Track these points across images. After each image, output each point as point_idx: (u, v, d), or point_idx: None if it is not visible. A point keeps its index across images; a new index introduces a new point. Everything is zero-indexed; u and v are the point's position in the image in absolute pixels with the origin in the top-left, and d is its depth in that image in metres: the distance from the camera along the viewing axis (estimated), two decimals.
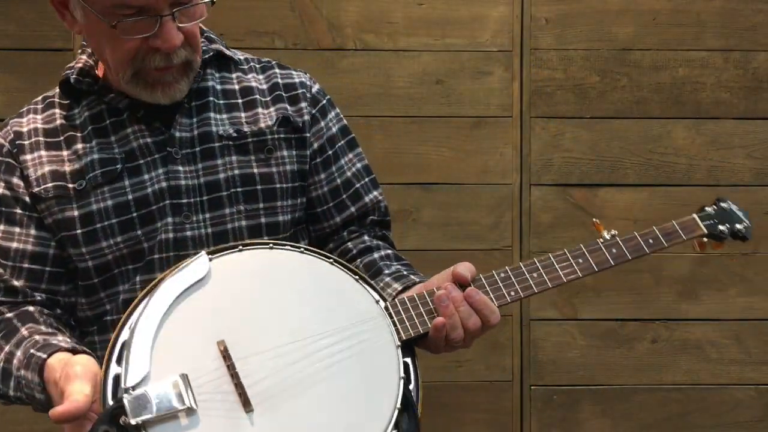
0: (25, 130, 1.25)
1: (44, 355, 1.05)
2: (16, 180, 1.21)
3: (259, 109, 1.29)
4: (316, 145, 1.32)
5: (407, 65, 2.28)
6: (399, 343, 1.08)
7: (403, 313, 1.11)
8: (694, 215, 1.34)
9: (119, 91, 1.23)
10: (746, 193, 2.32)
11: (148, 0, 1.09)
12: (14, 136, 1.24)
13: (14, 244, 1.20)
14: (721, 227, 1.35)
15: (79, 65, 1.27)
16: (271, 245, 1.12)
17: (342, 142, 1.37)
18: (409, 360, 1.09)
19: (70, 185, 1.20)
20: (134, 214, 1.20)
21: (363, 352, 1.07)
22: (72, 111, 1.25)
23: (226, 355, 1.02)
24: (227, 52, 1.32)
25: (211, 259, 1.08)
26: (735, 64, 2.31)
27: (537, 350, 2.31)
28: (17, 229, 1.20)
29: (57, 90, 1.29)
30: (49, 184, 1.20)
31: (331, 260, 1.13)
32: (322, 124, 1.34)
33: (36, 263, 1.20)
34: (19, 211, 1.21)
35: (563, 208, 2.31)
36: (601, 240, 1.22)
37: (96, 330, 1.23)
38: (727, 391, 2.34)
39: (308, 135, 1.31)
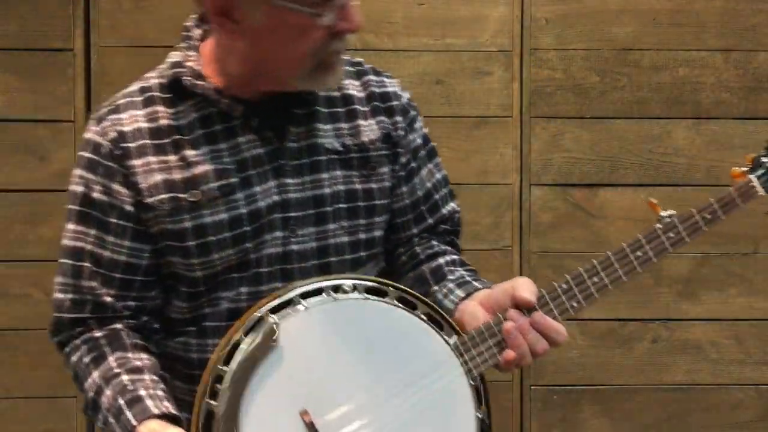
0: (128, 129, 1.16)
1: (134, 421, 1.06)
2: (116, 186, 1.15)
3: (360, 121, 1.26)
4: (403, 159, 1.30)
5: (407, 65, 2.28)
6: (473, 383, 1.11)
7: (473, 348, 1.12)
8: (751, 176, 1.23)
9: (232, 96, 1.17)
10: None
11: None
12: (117, 136, 1.16)
13: (107, 253, 1.16)
14: None
15: (190, 64, 1.18)
16: (333, 297, 1.09)
17: (423, 151, 1.34)
18: (483, 408, 1.13)
19: (183, 195, 1.15)
20: (247, 228, 1.16)
21: (438, 401, 1.09)
22: (176, 108, 1.18)
23: (311, 428, 1.03)
24: None
25: (277, 322, 1.05)
26: (735, 64, 2.31)
27: None
28: (111, 238, 1.16)
29: (155, 80, 1.21)
30: (164, 195, 1.14)
31: (395, 303, 1.11)
32: (411, 137, 1.31)
33: (128, 273, 1.17)
34: (114, 219, 1.16)
35: (563, 208, 2.31)
36: (659, 226, 1.18)
37: (195, 332, 1.20)
38: (727, 391, 2.34)
39: (401, 150, 1.29)
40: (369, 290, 1.11)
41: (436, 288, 1.26)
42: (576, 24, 2.29)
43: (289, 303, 1.07)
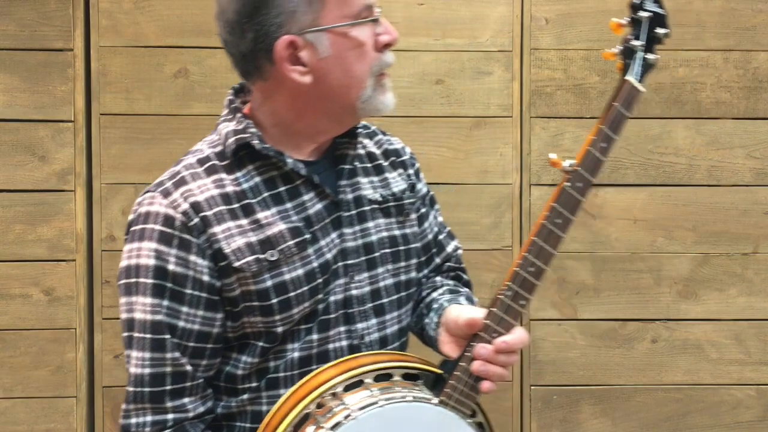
0: (201, 199, 1.20)
1: None
2: (193, 258, 1.19)
3: (387, 174, 1.38)
4: (416, 206, 1.44)
5: (407, 65, 2.28)
6: (470, 421, 1.20)
7: (455, 399, 1.19)
8: (629, 77, 1.19)
9: (296, 158, 1.26)
10: (746, 193, 2.32)
11: None
12: (192, 207, 1.19)
13: (180, 323, 1.20)
14: (651, 57, 1.19)
15: (253, 130, 1.24)
16: (381, 403, 1.14)
17: (428, 198, 1.49)
18: None
19: (263, 256, 1.20)
20: (320, 280, 1.24)
21: None
22: (236, 174, 1.24)
23: None
24: None
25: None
26: (735, 64, 2.31)
27: (537, 350, 2.31)
28: (185, 309, 1.20)
29: (209, 151, 1.26)
30: (250, 258, 1.20)
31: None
32: (419, 186, 1.45)
33: (200, 342, 1.21)
34: (188, 291, 1.19)
35: None
36: (567, 184, 1.17)
37: (263, 386, 1.25)
38: (727, 391, 2.34)
39: (416, 199, 1.43)
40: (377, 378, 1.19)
41: (426, 321, 1.39)
42: (576, 24, 2.29)
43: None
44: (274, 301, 1.21)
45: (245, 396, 1.25)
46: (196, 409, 1.21)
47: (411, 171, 1.44)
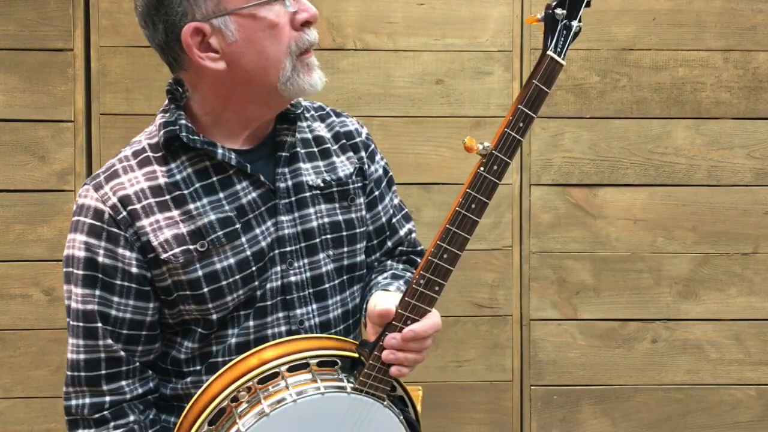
0: (131, 192, 1.22)
1: None
2: (121, 251, 1.21)
3: (334, 158, 1.37)
4: (367, 189, 1.41)
5: (407, 65, 2.28)
6: (387, 402, 1.21)
7: (370, 385, 1.20)
8: (549, 53, 1.15)
9: (226, 147, 1.25)
10: (746, 193, 2.32)
11: None
12: (120, 201, 1.21)
13: (113, 312, 1.22)
14: (576, 24, 1.14)
15: (183, 122, 1.25)
16: (323, 392, 1.17)
17: (384, 181, 1.46)
18: (408, 411, 1.26)
19: (192, 247, 1.22)
20: (253, 268, 1.25)
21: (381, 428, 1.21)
22: (169, 165, 1.25)
23: None
24: (305, 103, 1.38)
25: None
26: (735, 64, 2.31)
27: (537, 350, 2.31)
28: (115, 299, 1.22)
29: (145, 142, 1.28)
30: (177, 250, 1.21)
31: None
32: (372, 168, 1.43)
33: (133, 329, 1.24)
34: (118, 282, 1.22)
35: (563, 208, 2.31)
36: (481, 169, 1.16)
37: (204, 370, 1.27)
38: (727, 391, 2.34)
39: (367, 182, 1.41)
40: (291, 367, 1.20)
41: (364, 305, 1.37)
42: None
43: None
44: (206, 290, 1.22)
45: (189, 379, 1.27)
46: (133, 391, 1.24)
47: (363, 153, 1.41)
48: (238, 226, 1.24)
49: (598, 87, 2.30)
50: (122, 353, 1.23)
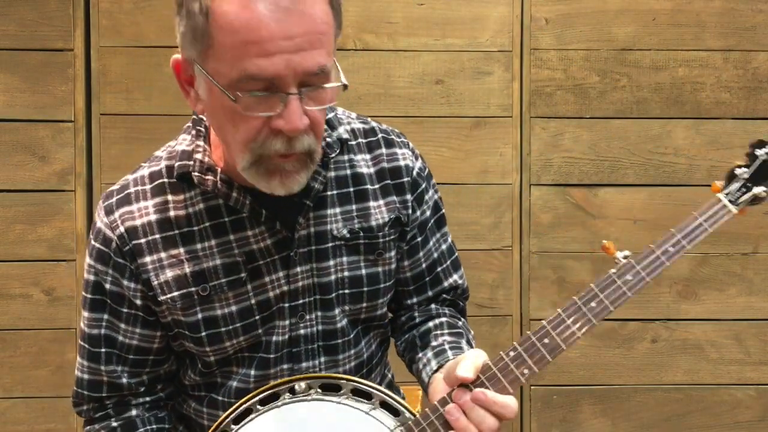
0: (138, 224, 1.16)
1: None
2: (126, 282, 1.17)
3: (370, 203, 1.23)
4: (409, 235, 1.29)
5: (407, 65, 2.28)
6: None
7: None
8: (719, 195, 1.14)
9: (242, 186, 1.14)
10: None
11: (276, 73, 0.97)
12: (126, 232, 1.16)
13: (120, 337, 1.20)
14: (758, 189, 1.11)
15: (198, 156, 1.15)
16: (312, 398, 1.12)
17: (431, 222, 1.33)
18: None
19: (193, 290, 1.16)
20: (257, 317, 1.18)
21: None
22: (183, 196, 1.17)
23: None
24: (345, 135, 1.23)
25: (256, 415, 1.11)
26: (735, 64, 2.31)
27: None
28: (122, 325, 1.20)
29: (164, 163, 1.19)
30: (175, 293, 1.16)
31: (347, 397, 1.13)
32: (418, 212, 1.29)
33: (139, 355, 1.22)
34: (125, 310, 1.19)
35: (563, 208, 2.31)
36: (613, 271, 1.10)
37: (206, 401, 1.24)
38: (727, 391, 2.34)
39: (408, 228, 1.28)
40: (324, 387, 1.13)
41: (420, 356, 1.27)
42: (576, 24, 2.29)
43: (247, 412, 1.13)
44: (203, 334, 1.17)
45: (193, 404, 1.26)
46: (139, 403, 1.25)
47: (409, 196, 1.26)
48: (243, 275, 1.16)
49: (598, 87, 2.30)
50: (124, 380, 1.21)
